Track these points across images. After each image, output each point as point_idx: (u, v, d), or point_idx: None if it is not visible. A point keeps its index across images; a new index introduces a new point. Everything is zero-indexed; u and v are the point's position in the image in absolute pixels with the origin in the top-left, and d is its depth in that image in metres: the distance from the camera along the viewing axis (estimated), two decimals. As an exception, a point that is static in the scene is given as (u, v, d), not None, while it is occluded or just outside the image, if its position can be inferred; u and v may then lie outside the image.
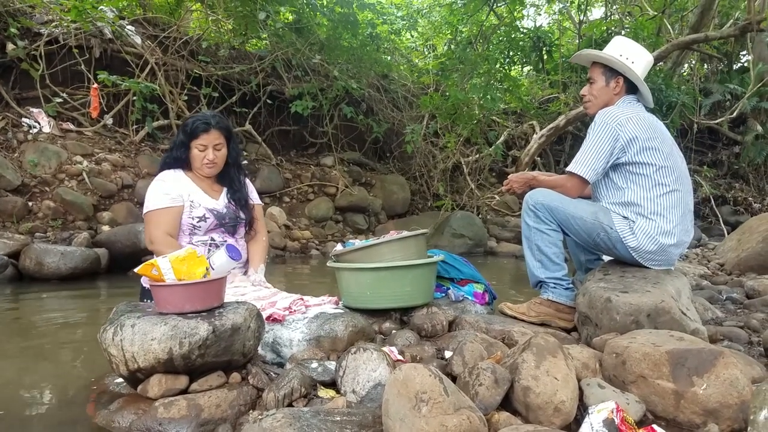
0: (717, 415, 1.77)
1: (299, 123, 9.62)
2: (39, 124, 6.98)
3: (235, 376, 2.04)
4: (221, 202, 2.99)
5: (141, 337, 1.88)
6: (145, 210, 2.88)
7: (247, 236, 3.13)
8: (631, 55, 2.87)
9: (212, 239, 2.93)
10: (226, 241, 2.93)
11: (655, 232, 2.68)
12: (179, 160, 2.95)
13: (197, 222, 2.87)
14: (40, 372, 2.66)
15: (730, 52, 13.42)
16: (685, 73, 13.85)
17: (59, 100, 7.28)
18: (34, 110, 7.11)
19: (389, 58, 11.02)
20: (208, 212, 2.89)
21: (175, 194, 2.85)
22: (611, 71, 2.90)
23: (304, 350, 2.33)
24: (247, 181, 3.21)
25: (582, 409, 1.85)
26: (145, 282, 2.89)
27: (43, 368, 2.72)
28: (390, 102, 10.18)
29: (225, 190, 3.06)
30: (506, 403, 1.85)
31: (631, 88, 2.92)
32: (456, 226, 8.35)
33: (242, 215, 3.05)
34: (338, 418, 1.69)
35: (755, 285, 3.78)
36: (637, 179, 2.73)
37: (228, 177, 3.06)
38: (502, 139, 10.58)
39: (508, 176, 3.13)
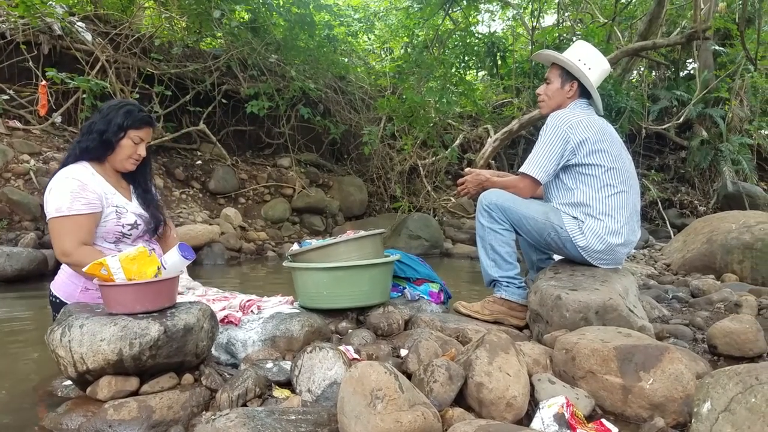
0: (663, 409, 1.83)
1: (255, 123, 9.52)
2: (-17, 121, 6.76)
3: (188, 378, 2.00)
4: (135, 203, 2.66)
5: (90, 338, 1.84)
6: (54, 214, 2.39)
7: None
8: (589, 62, 2.93)
9: None
10: (153, 248, 2.65)
11: (603, 231, 2.75)
12: (109, 145, 2.53)
13: (128, 230, 2.56)
14: (-17, 376, 2.57)
15: (677, 60, 13.84)
16: (633, 80, 14.25)
17: (6, 97, 7.06)
18: (-21, 107, 6.89)
19: (346, 59, 11.01)
20: (138, 218, 2.60)
21: (95, 198, 2.46)
22: (568, 74, 2.95)
23: (259, 350, 2.31)
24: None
25: (533, 404, 1.89)
26: (57, 288, 2.65)
27: (-13, 372, 2.63)
28: (347, 104, 10.18)
29: (132, 188, 2.72)
30: (460, 399, 1.88)
31: (585, 92, 2.98)
32: (413, 228, 8.39)
33: (159, 216, 2.76)
34: (293, 417, 1.68)
35: (700, 284, 3.90)
36: (587, 180, 2.80)
37: (139, 173, 2.72)
38: (457, 142, 10.69)
39: (464, 171, 3.16)
